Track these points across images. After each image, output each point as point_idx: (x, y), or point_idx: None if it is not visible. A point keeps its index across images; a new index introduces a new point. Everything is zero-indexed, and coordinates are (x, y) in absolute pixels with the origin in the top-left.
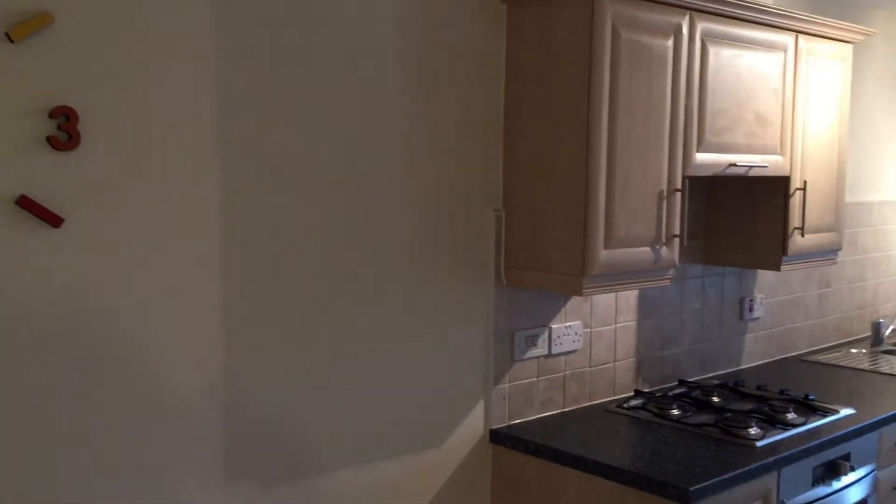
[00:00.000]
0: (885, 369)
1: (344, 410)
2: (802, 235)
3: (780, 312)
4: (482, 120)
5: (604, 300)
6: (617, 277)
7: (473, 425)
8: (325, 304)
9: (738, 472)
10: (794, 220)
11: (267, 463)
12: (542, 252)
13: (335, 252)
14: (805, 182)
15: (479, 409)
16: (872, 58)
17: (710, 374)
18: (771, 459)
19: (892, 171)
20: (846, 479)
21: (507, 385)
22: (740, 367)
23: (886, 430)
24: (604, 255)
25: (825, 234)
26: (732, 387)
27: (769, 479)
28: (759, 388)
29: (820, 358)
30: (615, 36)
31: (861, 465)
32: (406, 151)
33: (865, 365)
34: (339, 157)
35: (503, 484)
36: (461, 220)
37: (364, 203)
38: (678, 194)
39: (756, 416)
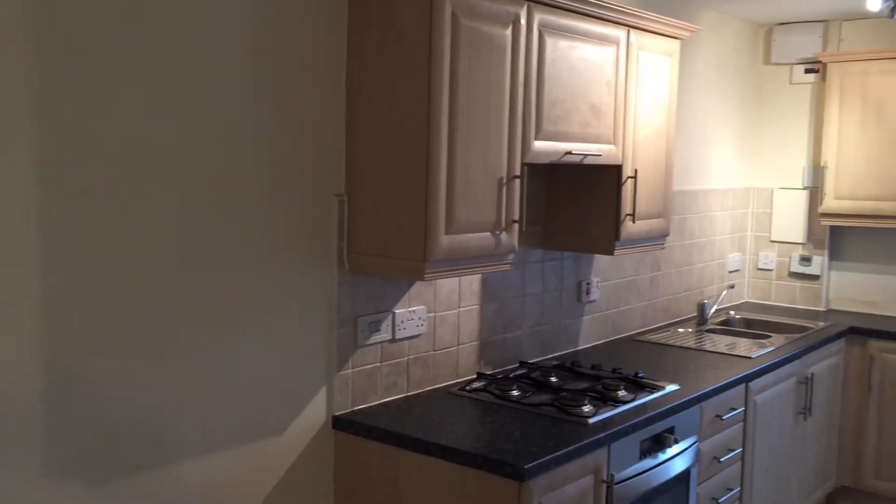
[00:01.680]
0: (708, 347)
1: (179, 401)
2: (633, 222)
3: (614, 295)
4: (324, 106)
5: (447, 285)
6: (458, 263)
7: (316, 412)
8: (159, 291)
9: (570, 448)
10: (626, 206)
11: (93, 460)
12: (384, 237)
13: (170, 238)
14: (636, 171)
15: (322, 395)
16: (699, 54)
17: (550, 356)
18: (602, 435)
19: (715, 162)
20: (671, 451)
21: (350, 371)
22: (578, 348)
23: (707, 404)
24: (445, 240)
25: (654, 221)
26: (569, 367)
27: (600, 454)
28: (593, 367)
29: (650, 337)
30: (455, 23)
31: (684, 437)
32: (246, 136)
33: (691, 343)
34: (174, 141)
35: (346, 470)
36: (303, 204)
37: (202, 188)
38: (517, 181)
39: (590, 394)
